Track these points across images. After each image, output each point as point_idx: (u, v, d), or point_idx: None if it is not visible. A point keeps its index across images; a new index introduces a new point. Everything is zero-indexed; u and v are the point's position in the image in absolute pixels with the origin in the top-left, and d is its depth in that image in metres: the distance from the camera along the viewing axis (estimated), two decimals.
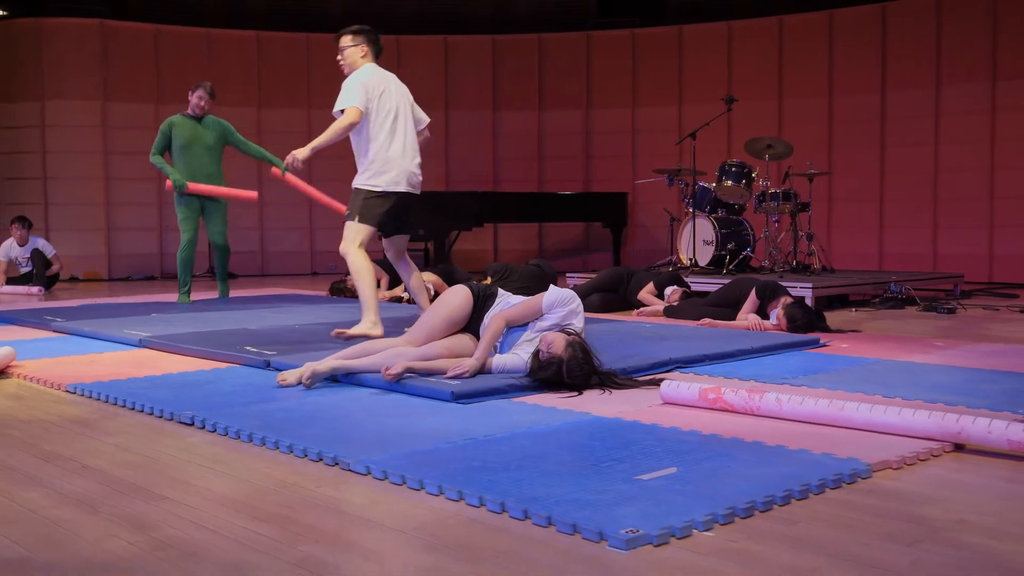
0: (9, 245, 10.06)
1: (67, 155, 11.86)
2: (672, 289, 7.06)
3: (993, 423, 2.74)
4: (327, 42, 12.74)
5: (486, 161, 13.13)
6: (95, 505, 2.35)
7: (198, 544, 2.06)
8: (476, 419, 3.20)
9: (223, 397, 3.64)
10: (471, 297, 4.06)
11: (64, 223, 11.81)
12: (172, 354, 4.85)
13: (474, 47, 13.06)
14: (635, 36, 12.65)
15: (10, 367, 4.45)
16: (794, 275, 7.94)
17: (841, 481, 2.48)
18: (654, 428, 3.05)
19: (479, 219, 10.96)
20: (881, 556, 1.96)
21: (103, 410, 3.56)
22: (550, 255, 12.84)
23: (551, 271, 7.89)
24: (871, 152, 11.12)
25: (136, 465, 2.74)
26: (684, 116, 12.07)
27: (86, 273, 11.82)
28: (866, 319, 6.65)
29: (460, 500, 2.34)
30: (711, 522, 2.14)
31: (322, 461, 2.73)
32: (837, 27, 11.35)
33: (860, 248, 11.13)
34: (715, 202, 8.71)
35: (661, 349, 4.58)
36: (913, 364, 4.38)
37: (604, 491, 2.35)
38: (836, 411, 3.04)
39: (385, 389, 3.72)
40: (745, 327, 5.74)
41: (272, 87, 12.56)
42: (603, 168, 12.88)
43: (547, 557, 1.97)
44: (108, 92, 11.93)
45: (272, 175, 6.74)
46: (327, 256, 12.63)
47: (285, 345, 4.76)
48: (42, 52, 11.78)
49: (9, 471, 2.69)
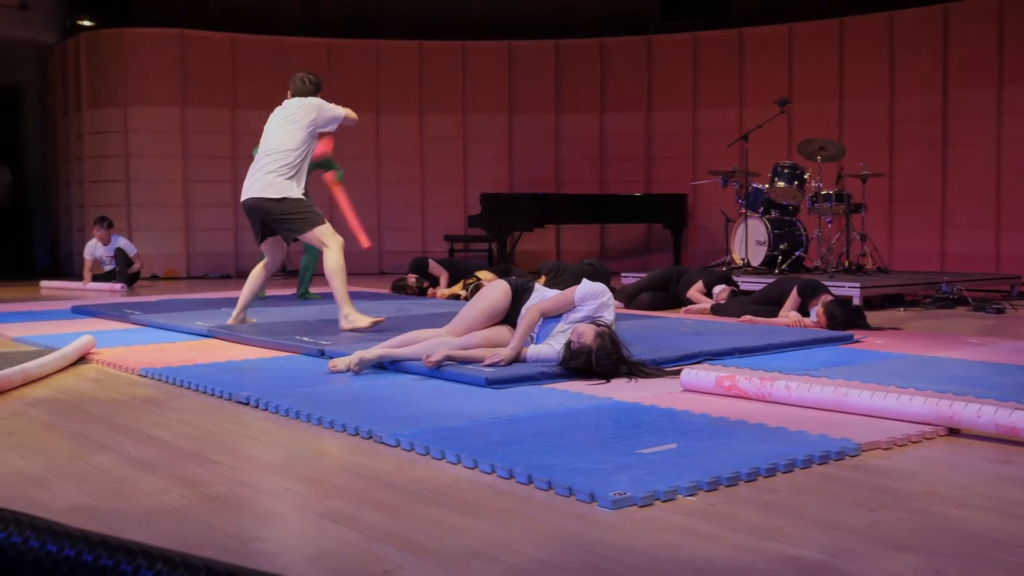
0: (94, 245, 10.62)
1: (148, 158, 12.45)
2: (720, 288, 7.23)
3: (983, 408, 2.91)
4: (396, 48, 13.18)
5: (549, 163, 13.39)
6: (155, 467, 2.67)
7: (239, 498, 2.36)
8: (505, 402, 3.47)
9: (277, 381, 3.96)
10: (510, 291, 4.33)
11: (145, 223, 12.39)
12: (236, 344, 5.21)
13: (537, 51, 13.32)
14: (696, 39, 12.79)
15: (90, 354, 4.85)
16: (845, 275, 8.05)
17: (828, 458, 2.68)
18: (668, 411, 3.28)
19: (539, 220, 11.21)
20: (842, 519, 2.17)
21: (170, 391, 3.91)
22: (612, 256, 13.05)
23: (604, 270, 8.11)
24: (933, 152, 11.10)
25: (194, 437, 3.06)
26: (745, 118, 12.17)
27: (165, 271, 12.39)
28: (912, 318, 6.74)
29: (475, 468, 2.60)
30: (695, 488, 2.37)
31: (358, 435, 3.02)
32: (898, 28, 11.36)
33: (922, 249, 11.12)
34: (768, 203, 8.84)
35: (694, 342, 4.79)
36: (938, 358, 4.52)
37: (605, 462, 2.59)
38: (840, 397, 3.24)
39: (426, 375, 4.00)
40: (785, 324, 5.90)
41: (342, 92, 12.96)
42: (664, 170, 13.04)
43: (541, 514, 2.23)
44: (187, 98, 12.49)
45: (324, 178, 6.85)
46: (394, 256, 13.02)
47: (339, 335, 5.09)
48: (126, 61, 12.39)
49: (84, 439, 3.03)
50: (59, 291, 10.06)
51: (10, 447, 2.92)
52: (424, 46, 13.21)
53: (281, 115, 5.63)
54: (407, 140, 13.23)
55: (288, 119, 5.56)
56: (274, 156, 5.48)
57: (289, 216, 5.46)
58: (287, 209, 5.45)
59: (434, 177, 13.29)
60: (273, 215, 5.47)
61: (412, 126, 13.24)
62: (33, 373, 4.12)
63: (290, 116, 5.57)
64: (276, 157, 5.47)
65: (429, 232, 13.23)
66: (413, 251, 12.01)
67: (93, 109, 12.57)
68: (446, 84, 13.15)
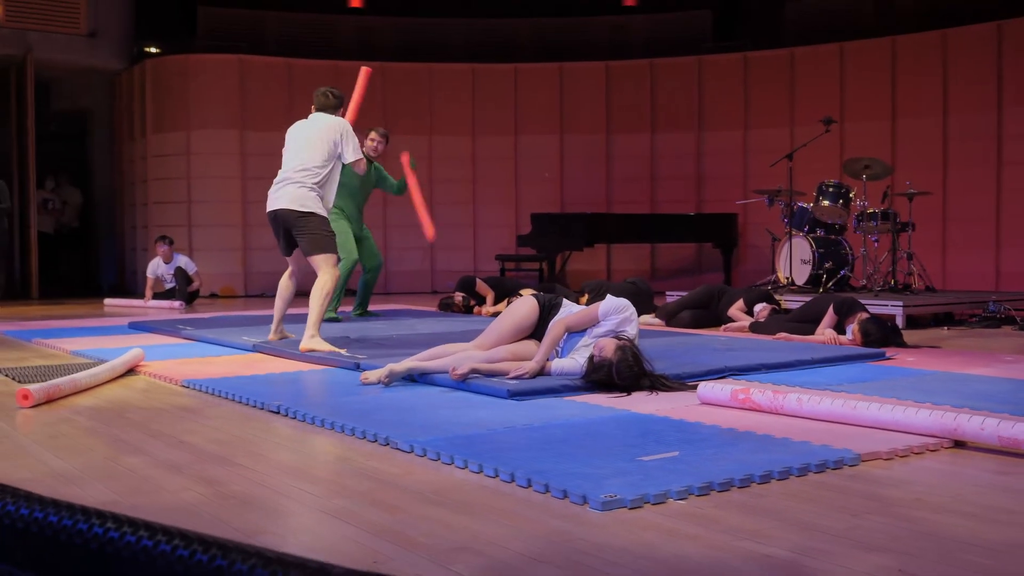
0: (156, 263, 10.98)
1: (209, 180, 12.82)
2: (761, 306, 7.26)
3: (986, 421, 2.94)
4: (449, 71, 13.41)
5: (600, 183, 13.48)
6: (181, 468, 2.83)
7: (254, 496, 2.51)
8: (523, 412, 3.58)
9: (310, 392, 4.13)
10: (537, 307, 4.45)
11: (206, 243, 12.75)
12: (279, 358, 5.40)
13: (589, 73, 13.45)
14: (747, 59, 12.82)
15: (139, 366, 5.07)
16: (890, 294, 8.01)
17: (826, 467, 2.74)
18: (679, 423, 3.36)
19: (589, 240, 11.30)
20: (823, 522, 2.24)
21: (208, 401, 4.10)
22: (662, 275, 13.07)
23: (647, 288, 8.19)
24: (987, 170, 10.97)
25: (223, 442, 3.22)
26: (796, 137, 12.13)
27: (223, 289, 12.73)
28: (955, 337, 6.70)
29: (480, 472, 2.72)
30: (686, 492, 2.46)
31: (376, 441, 3.15)
32: (951, 46, 11.27)
33: (976, 268, 10.97)
34: (814, 222, 8.84)
35: (721, 358, 4.85)
36: (965, 375, 4.52)
37: (604, 467, 2.69)
38: (849, 410, 3.29)
39: (453, 387, 4.13)
40: (821, 341, 5.92)
41: (396, 114, 13.24)
42: (715, 189, 13.05)
43: (534, 514, 2.33)
44: (245, 121, 12.84)
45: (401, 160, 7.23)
46: (447, 275, 13.19)
47: (377, 350, 5.24)
48: (188, 86, 12.80)
49: (120, 443, 3.21)
50: (121, 308, 10.41)
51: (50, 448, 3.11)
52: (477, 69, 13.42)
53: (307, 130, 5.72)
54: (460, 161, 13.44)
55: (316, 135, 5.66)
56: (304, 171, 5.57)
57: (306, 233, 5.54)
58: (309, 225, 5.54)
59: (486, 198, 13.48)
60: (295, 227, 5.56)
61: (465, 148, 13.44)
62: (82, 383, 4.34)
63: (318, 131, 5.67)
64: (306, 172, 5.57)
65: (481, 252, 13.39)
66: (465, 270, 12.17)
67: (157, 133, 13.00)
68: (498, 106, 13.34)
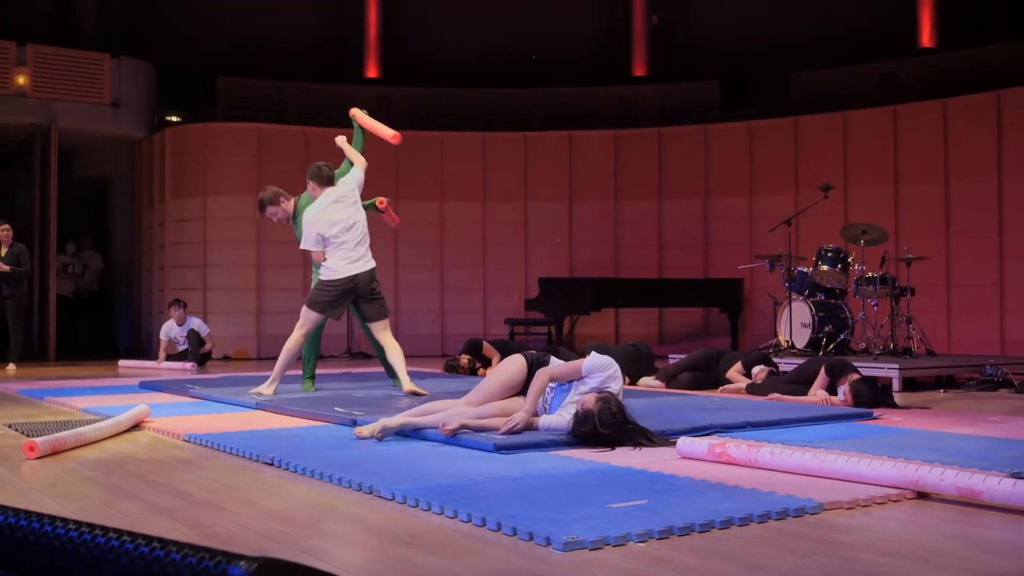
0: (169, 325, 11.19)
1: (224, 245, 13.10)
2: (759, 368, 7.37)
3: (945, 472, 3.06)
4: (460, 139, 13.73)
5: (608, 248, 13.69)
6: (172, 512, 2.97)
7: (236, 537, 2.65)
8: (506, 465, 3.70)
9: (305, 446, 4.26)
10: (526, 365, 4.59)
11: (220, 306, 12.99)
12: (280, 415, 5.55)
13: (598, 141, 13.74)
14: (752, 127, 13.08)
15: (145, 422, 5.23)
16: (889, 357, 8.11)
17: (787, 514, 2.86)
18: (655, 475, 3.48)
19: (595, 303, 11.45)
20: (770, 563, 2.35)
21: (207, 454, 4.24)
22: (670, 339, 13.19)
23: (647, 351, 8.32)
24: (990, 236, 11.10)
25: (215, 490, 3.37)
26: (800, 203, 12.31)
27: (236, 352, 12.93)
28: (950, 399, 6.78)
29: (455, 517, 2.85)
30: (647, 536, 2.58)
31: (361, 490, 3.29)
32: (952, 115, 11.49)
33: (981, 334, 11.04)
34: (814, 286, 8.98)
35: (708, 416, 4.96)
36: (946, 434, 4.62)
37: (572, 513, 2.81)
38: (818, 463, 3.41)
39: (443, 442, 4.26)
40: (812, 402, 6.02)
41: (409, 180, 13.53)
42: (721, 254, 13.22)
43: (500, 554, 2.46)
44: (262, 187, 13.11)
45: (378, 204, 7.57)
46: (457, 339, 13.35)
47: (375, 407, 5.39)
48: (207, 153, 13.16)
49: (117, 490, 3.36)
50: (134, 369, 10.60)
51: (50, 496, 3.26)
52: (487, 137, 13.74)
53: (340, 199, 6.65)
54: (470, 227, 13.69)
55: (350, 200, 6.65)
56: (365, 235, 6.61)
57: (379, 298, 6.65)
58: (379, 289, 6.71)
59: (496, 262, 13.70)
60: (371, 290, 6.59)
61: (475, 213, 13.70)
62: (87, 437, 4.49)
63: (349, 196, 6.67)
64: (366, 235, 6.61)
65: (491, 315, 13.57)
66: (475, 334, 12.33)
67: (176, 199, 13.33)
68: (508, 173, 13.63)
